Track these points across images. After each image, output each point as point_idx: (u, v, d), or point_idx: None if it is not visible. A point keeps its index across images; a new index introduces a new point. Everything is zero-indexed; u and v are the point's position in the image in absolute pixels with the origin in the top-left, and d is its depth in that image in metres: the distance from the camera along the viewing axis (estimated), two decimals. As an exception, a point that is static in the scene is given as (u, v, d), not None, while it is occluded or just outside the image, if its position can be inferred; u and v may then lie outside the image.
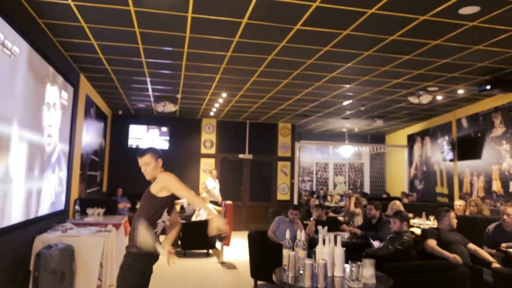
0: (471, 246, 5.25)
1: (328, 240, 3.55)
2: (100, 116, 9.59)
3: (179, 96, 9.07)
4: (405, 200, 11.39)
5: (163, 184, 3.25)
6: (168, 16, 4.78)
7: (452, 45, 5.64)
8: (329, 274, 3.43)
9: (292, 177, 13.08)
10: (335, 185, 16.31)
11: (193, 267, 7.42)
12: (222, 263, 7.77)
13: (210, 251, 8.68)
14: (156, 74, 7.36)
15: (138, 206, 3.38)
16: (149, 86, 8.31)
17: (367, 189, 16.13)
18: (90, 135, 8.56)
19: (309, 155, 16.18)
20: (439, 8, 4.48)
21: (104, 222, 6.40)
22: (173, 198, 3.34)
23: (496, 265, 4.94)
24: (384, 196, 13.78)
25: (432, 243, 5.14)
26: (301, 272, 3.36)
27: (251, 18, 4.79)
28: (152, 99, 9.50)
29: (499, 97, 8.42)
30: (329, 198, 14.49)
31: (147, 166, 3.37)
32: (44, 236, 5.16)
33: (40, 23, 5.11)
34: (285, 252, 3.61)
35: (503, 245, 5.23)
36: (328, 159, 16.45)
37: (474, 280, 4.29)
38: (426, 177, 11.98)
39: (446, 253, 4.92)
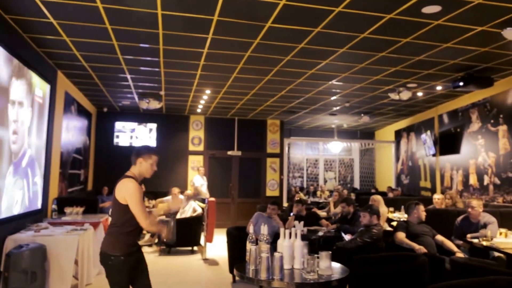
0: (439, 237, 5.38)
1: (288, 234, 3.65)
2: (82, 113, 9.56)
3: (162, 93, 9.13)
4: (390, 195, 11.54)
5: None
6: (137, 13, 4.83)
7: (422, 43, 5.75)
8: (289, 267, 3.54)
9: (281, 173, 13.17)
10: (325, 181, 16.44)
11: (176, 265, 7.50)
12: (205, 260, 7.86)
13: (195, 248, 8.77)
14: (136, 71, 7.42)
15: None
16: (131, 83, 8.36)
17: (357, 184, 16.26)
18: (71, 133, 8.52)
19: (300, 151, 16.29)
20: (402, 7, 4.59)
21: (81, 221, 6.37)
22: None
23: (459, 254, 5.08)
24: (373, 191, 13.91)
25: (401, 235, 5.28)
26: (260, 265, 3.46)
27: (221, 15, 4.87)
28: (135, 96, 9.57)
29: (476, 93, 8.54)
30: (318, 193, 14.62)
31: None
32: (16, 236, 5.12)
33: (6, 19, 5.07)
34: (248, 246, 3.72)
35: (469, 235, 5.41)
36: (319, 155, 16.56)
37: (437, 269, 4.41)
38: (411, 172, 12.12)
39: (413, 244, 5.06)
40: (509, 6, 4.53)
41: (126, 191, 3.29)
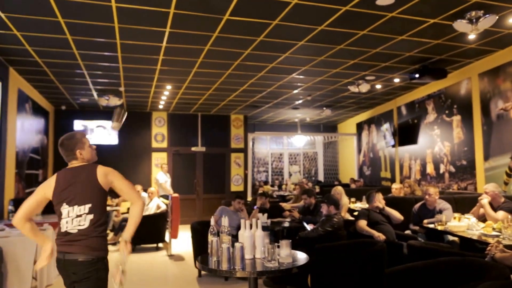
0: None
1: (248, 225, 3.67)
2: (38, 111, 9.24)
3: (122, 89, 8.97)
4: (353, 186, 11.81)
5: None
6: (91, 6, 4.72)
7: (378, 35, 5.88)
8: (251, 257, 3.57)
9: (246, 168, 13.21)
10: (290, 175, 16.61)
11: (141, 262, 7.40)
12: (170, 256, 7.81)
13: (160, 244, 8.70)
14: (93, 66, 7.25)
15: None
16: (88, 79, 8.17)
17: (321, 177, 16.51)
18: (27, 132, 8.23)
19: (264, 146, 16.39)
20: (357, -1, 4.68)
21: (40, 221, 6.18)
22: None
23: (381, 238, 5.21)
24: (336, 183, 14.13)
25: (362, 223, 5.42)
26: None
27: (178, 8, 4.83)
28: (94, 93, 9.36)
29: (431, 85, 8.82)
30: (283, 187, 14.76)
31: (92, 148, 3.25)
32: None
33: None
34: (210, 238, 3.73)
35: (425, 221, 5.63)
36: (283, 149, 16.71)
37: (395, 254, 4.55)
38: (373, 163, 12.40)
39: (373, 232, 5.21)
40: (458, -2, 4.71)
41: (113, 173, 3.03)
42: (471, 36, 5.89)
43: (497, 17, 4.94)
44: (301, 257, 3.67)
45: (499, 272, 2.93)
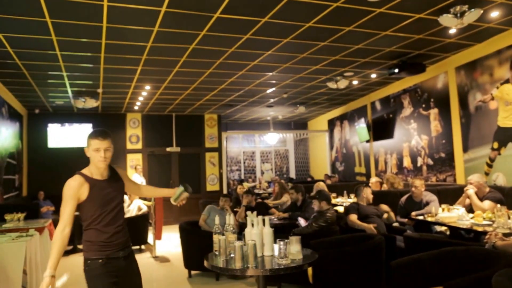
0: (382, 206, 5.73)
1: (256, 222, 3.66)
2: (13, 116, 8.96)
3: (100, 90, 8.76)
4: (328, 182, 11.93)
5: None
6: (82, 5, 4.61)
7: (363, 31, 5.98)
8: (259, 254, 3.56)
9: (220, 167, 13.17)
10: (262, 173, 16.67)
11: (125, 264, 7.27)
12: (155, 258, 7.70)
13: (143, 246, 8.56)
14: (74, 68, 7.07)
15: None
16: (67, 81, 7.95)
17: (293, 174, 16.66)
18: (4, 137, 7.97)
19: (236, 144, 16.39)
20: (349, -5, 4.75)
21: (25, 227, 6.01)
22: None
23: (373, 230, 5.37)
24: (309, 179, 14.32)
25: (353, 217, 5.51)
26: (231, 255, 3.45)
27: (170, 6, 4.77)
28: (71, 95, 9.09)
29: (406, 80, 9.05)
30: (257, 185, 14.80)
31: (109, 151, 2.94)
32: None
33: None
34: (215, 237, 3.69)
35: (413, 213, 5.77)
36: (255, 147, 16.76)
37: (389, 247, 4.65)
38: (346, 158, 12.61)
39: (365, 225, 5.31)
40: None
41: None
42: (452, 31, 6.10)
43: (482, 11, 5.11)
44: (309, 253, 3.70)
45: (507, 260, 3.04)
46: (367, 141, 11.00)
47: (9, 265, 4.83)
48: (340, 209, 7.65)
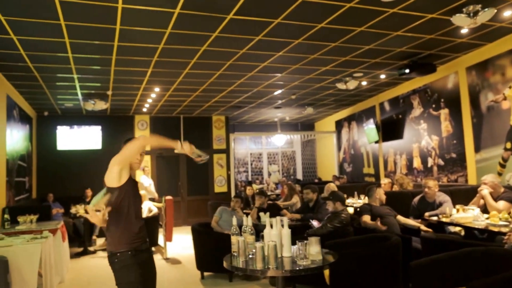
0: (399, 218, 5.66)
1: (275, 223, 3.66)
2: (24, 118, 9.00)
3: (109, 92, 8.79)
4: (337, 183, 11.88)
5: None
6: (97, 7, 4.62)
7: (375, 32, 5.96)
8: (279, 255, 3.55)
9: (228, 169, 13.17)
10: (269, 174, 16.65)
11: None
12: (167, 259, 7.70)
13: (153, 248, 8.56)
14: (84, 70, 7.09)
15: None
16: (77, 84, 7.98)
17: (300, 175, 16.63)
18: (15, 139, 8.01)
19: (243, 146, 16.38)
20: (363, -4, 4.74)
21: (38, 229, 6.05)
22: None
23: (423, 228, 5.40)
24: (316, 180, 14.30)
25: (366, 218, 5.49)
26: (250, 256, 3.45)
27: (184, 8, 4.76)
28: (80, 97, 9.13)
29: (416, 80, 9.03)
30: (265, 187, 14.79)
31: (143, 156, 3.31)
32: None
33: None
34: (234, 238, 3.68)
35: (426, 214, 5.75)
36: (262, 149, 16.74)
37: (404, 248, 4.63)
38: (354, 159, 12.58)
39: (377, 226, 5.28)
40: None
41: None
42: (464, 30, 6.07)
43: (495, 10, 5.09)
44: (326, 253, 3.68)
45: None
46: (376, 142, 10.97)
47: (25, 267, 4.86)
48: (350, 210, 7.63)
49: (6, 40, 5.48)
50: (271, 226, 3.66)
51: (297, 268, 3.24)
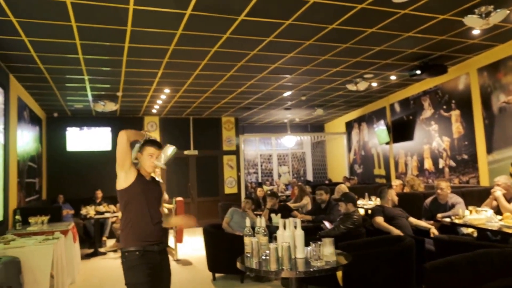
0: (411, 219, 5.62)
1: (288, 224, 3.65)
2: (34, 119, 9.05)
3: (119, 94, 8.83)
4: (347, 184, 11.83)
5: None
6: (108, 9, 4.63)
7: (386, 33, 5.94)
8: (292, 257, 3.54)
9: (238, 170, 13.17)
10: (279, 175, 16.64)
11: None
12: (177, 261, 7.71)
13: (162, 249, 8.56)
14: (95, 71, 7.12)
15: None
16: (88, 85, 8.03)
17: (310, 176, 16.60)
18: (26, 140, 8.05)
19: (253, 147, 16.38)
20: (374, -3, 4.72)
21: (50, 230, 6.09)
22: None
23: (434, 230, 5.34)
24: (327, 182, 14.25)
25: (379, 219, 5.45)
26: (263, 257, 3.44)
27: (196, 9, 4.77)
28: (91, 98, 9.18)
29: (426, 82, 8.97)
30: (274, 188, 14.76)
31: (153, 157, 3.32)
32: None
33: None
34: (247, 240, 3.67)
35: (439, 215, 5.70)
36: (272, 150, 16.74)
37: (417, 250, 4.59)
38: (364, 161, 12.53)
39: (391, 228, 5.24)
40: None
41: None
42: (476, 31, 6.03)
43: (508, 11, 5.04)
44: (342, 255, 3.67)
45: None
46: (387, 143, 10.91)
47: (37, 268, 4.90)
48: (361, 211, 7.60)
49: (17, 42, 5.53)
50: (284, 227, 3.65)
51: (311, 269, 3.23)
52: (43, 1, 4.38)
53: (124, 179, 3.13)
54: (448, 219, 5.48)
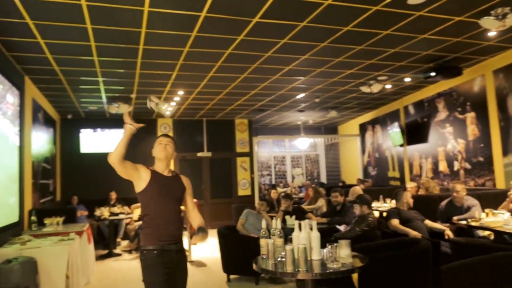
0: (427, 222, 5.57)
1: (303, 226, 3.64)
2: (48, 121, 9.15)
3: (133, 95, 8.90)
4: (362, 186, 11.77)
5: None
6: (123, 11, 4.67)
7: (401, 35, 5.90)
8: (308, 258, 3.53)
9: (252, 172, 13.18)
10: (293, 177, 16.62)
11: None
12: (191, 262, 7.72)
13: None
14: (109, 73, 7.18)
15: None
16: (102, 87, 8.10)
17: (323, 179, 16.54)
18: (40, 142, 8.15)
19: (266, 149, 16.39)
20: (389, -1, 4.70)
21: (65, 231, 6.14)
22: None
23: (449, 232, 5.28)
24: (340, 184, 14.19)
25: (395, 222, 5.41)
26: (278, 259, 3.44)
27: (210, 11, 4.80)
28: (105, 100, 9.27)
29: (441, 84, 8.89)
30: (288, 190, 14.74)
31: (169, 146, 3.38)
32: (1, 251, 4.87)
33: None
34: (263, 241, 3.66)
35: (455, 218, 5.65)
36: (285, 152, 16.73)
37: (433, 253, 4.55)
38: (378, 163, 12.45)
39: (409, 230, 5.21)
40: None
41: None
42: (492, 33, 5.96)
43: (525, 13, 4.99)
44: (358, 256, 3.65)
45: None
46: (401, 146, 10.84)
47: (53, 269, 4.95)
48: (376, 213, 7.55)
49: (33, 44, 5.59)
50: (300, 229, 3.65)
51: (328, 271, 3.22)
52: (59, 3, 4.43)
53: (137, 184, 3.22)
54: (464, 222, 5.43)
